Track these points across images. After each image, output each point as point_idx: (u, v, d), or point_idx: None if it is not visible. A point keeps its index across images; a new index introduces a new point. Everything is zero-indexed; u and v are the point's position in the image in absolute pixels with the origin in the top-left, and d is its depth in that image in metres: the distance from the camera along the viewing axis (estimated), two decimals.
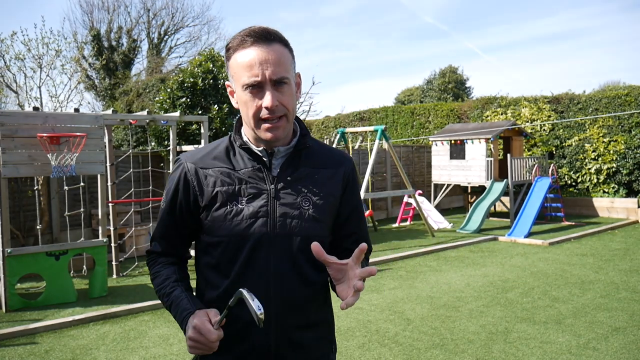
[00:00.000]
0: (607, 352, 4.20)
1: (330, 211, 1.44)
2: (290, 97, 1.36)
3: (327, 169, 1.47)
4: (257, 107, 1.33)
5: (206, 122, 7.59)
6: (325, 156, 1.49)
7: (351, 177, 1.52)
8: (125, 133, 11.66)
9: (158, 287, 1.47)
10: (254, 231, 1.36)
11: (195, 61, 9.84)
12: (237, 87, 1.37)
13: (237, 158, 1.42)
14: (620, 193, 12.70)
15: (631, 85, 14.11)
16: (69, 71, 12.10)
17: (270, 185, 1.39)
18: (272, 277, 1.36)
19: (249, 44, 1.32)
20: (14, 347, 4.51)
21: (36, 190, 7.15)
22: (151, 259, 1.53)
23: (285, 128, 1.37)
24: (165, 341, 4.63)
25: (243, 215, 1.36)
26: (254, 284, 1.34)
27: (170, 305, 1.42)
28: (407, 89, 32.18)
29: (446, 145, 12.98)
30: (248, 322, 1.34)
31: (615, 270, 7.02)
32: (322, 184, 1.44)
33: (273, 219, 1.37)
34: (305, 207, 1.39)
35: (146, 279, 6.93)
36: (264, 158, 1.40)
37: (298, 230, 1.37)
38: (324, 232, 1.43)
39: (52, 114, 6.07)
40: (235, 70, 1.36)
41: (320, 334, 1.48)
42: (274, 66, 1.31)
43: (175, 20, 23.20)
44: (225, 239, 1.38)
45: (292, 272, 1.37)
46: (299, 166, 1.43)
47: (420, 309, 5.41)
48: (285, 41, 1.37)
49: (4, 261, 5.49)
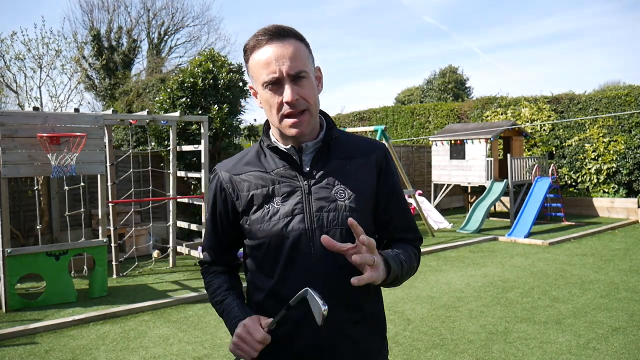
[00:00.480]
0: (607, 352, 4.20)
1: (367, 200, 1.42)
2: (311, 90, 1.36)
3: (358, 158, 1.45)
4: (278, 103, 1.33)
5: (206, 122, 7.59)
6: (355, 146, 1.48)
7: (384, 163, 1.48)
8: (125, 133, 11.66)
9: (211, 296, 1.51)
10: (292, 229, 1.36)
11: (195, 61, 9.84)
12: (258, 87, 1.38)
13: (268, 159, 1.44)
14: (620, 193, 12.70)
15: (631, 85, 14.12)
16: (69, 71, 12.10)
17: (302, 181, 1.40)
18: (315, 273, 1.36)
19: (264, 42, 1.33)
20: (14, 347, 4.51)
21: (36, 190, 7.15)
22: (203, 269, 1.59)
23: (309, 122, 1.37)
24: (165, 341, 4.63)
25: (279, 215, 1.37)
26: (297, 282, 1.34)
27: (222, 313, 1.45)
28: (407, 89, 32.17)
29: (446, 145, 12.98)
30: (297, 322, 1.35)
31: (615, 270, 7.01)
32: (355, 173, 1.42)
33: (309, 214, 1.37)
34: (341, 199, 1.38)
35: (146, 279, 6.93)
36: (294, 156, 1.41)
37: (337, 223, 1.37)
38: (364, 222, 1.38)
39: (52, 114, 6.07)
40: (254, 71, 1.37)
41: (373, 328, 1.45)
42: (291, 61, 1.31)
43: (175, 20, 23.20)
44: (266, 240, 1.38)
45: (336, 266, 1.35)
46: (330, 159, 1.43)
47: (420, 309, 5.41)
48: (301, 36, 1.38)
49: (4, 261, 5.49)
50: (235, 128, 9.92)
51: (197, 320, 5.19)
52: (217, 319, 5.21)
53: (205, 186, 7.30)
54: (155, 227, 8.41)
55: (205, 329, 4.93)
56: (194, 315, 5.35)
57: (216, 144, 9.64)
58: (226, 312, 1.43)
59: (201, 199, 7.33)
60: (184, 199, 7.89)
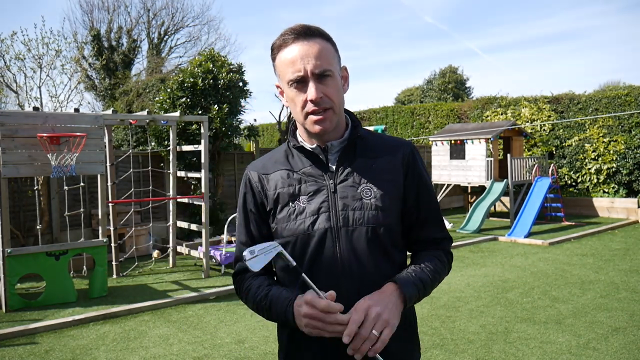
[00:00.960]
0: (607, 352, 4.19)
1: (394, 199, 1.41)
2: (336, 89, 1.36)
3: (384, 157, 1.45)
4: (302, 101, 1.34)
5: (206, 122, 7.58)
6: (381, 144, 1.48)
7: (411, 161, 1.46)
8: (125, 133, 11.66)
9: (253, 297, 1.42)
10: (317, 227, 1.36)
11: (195, 61, 9.84)
12: (284, 86, 1.39)
13: (295, 159, 1.45)
14: (620, 193, 12.69)
15: (631, 85, 14.12)
16: (69, 71, 12.08)
17: (329, 180, 1.40)
18: (342, 271, 1.35)
19: (290, 41, 1.34)
20: (14, 347, 4.51)
21: (36, 190, 7.15)
22: (239, 279, 1.51)
23: (332, 120, 1.37)
24: (165, 341, 4.63)
25: (305, 213, 1.38)
26: (324, 280, 1.33)
27: (271, 303, 1.36)
28: (407, 89, 32.16)
29: (446, 145, 12.98)
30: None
31: (615, 270, 7.01)
32: (381, 171, 1.42)
33: (335, 213, 1.37)
34: (367, 198, 1.38)
35: (146, 279, 6.93)
36: (320, 155, 1.42)
37: (362, 221, 1.36)
38: (391, 221, 1.39)
39: (52, 114, 6.07)
40: (280, 69, 1.38)
41: (400, 332, 1.33)
42: (316, 60, 1.32)
43: (175, 20, 23.19)
44: (292, 238, 1.38)
45: (362, 264, 1.35)
46: (355, 158, 1.43)
47: (420, 309, 5.40)
48: (327, 35, 1.38)
49: (4, 261, 5.49)
50: (235, 128, 9.92)
51: (197, 320, 5.19)
52: (217, 318, 5.21)
53: (205, 186, 7.31)
54: (155, 227, 8.41)
55: (205, 329, 4.93)
56: (194, 315, 5.35)
57: (216, 144, 9.64)
58: (274, 299, 1.35)
59: (201, 199, 7.33)
60: (184, 199, 7.88)
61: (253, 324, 5.03)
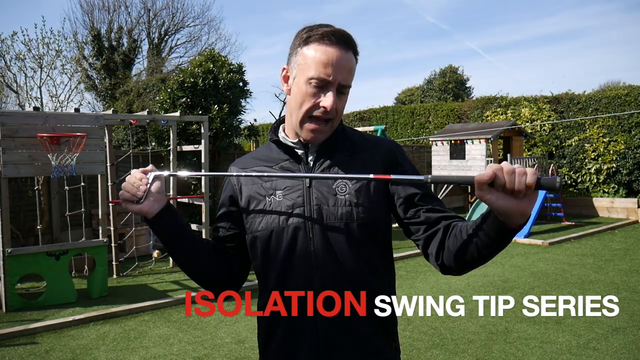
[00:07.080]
0: (607, 352, 4.20)
1: (371, 193, 1.38)
2: (343, 106, 1.40)
3: (363, 153, 1.44)
4: (314, 103, 1.34)
5: (206, 122, 7.59)
6: (361, 141, 1.48)
7: (392, 158, 1.44)
8: (125, 133, 11.66)
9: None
10: (292, 222, 1.36)
11: (196, 61, 9.84)
12: (299, 76, 1.36)
13: (273, 153, 1.46)
14: (620, 193, 12.69)
15: (631, 85, 14.09)
16: (69, 71, 12.11)
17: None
18: (315, 266, 1.35)
19: (331, 42, 1.33)
20: (14, 347, 4.51)
21: (36, 190, 7.15)
22: None
23: (327, 133, 1.39)
24: (165, 341, 4.64)
25: (280, 208, 1.38)
26: (297, 276, 1.34)
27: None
28: (407, 89, 32.13)
29: (446, 145, 12.98)
30: (296, 318, 1.35)
31: (615, 270, 7.01)
32: (359, 167, 1.40)
33: (309, 208, 1.36)
34: (341, 193, 1.37)
35: (146, 279, 6.93)
36: (298, 150, 1.43)
37: (336, 217, 1.35)
38: (367, 216, 1.36)
39: (53, 114, 6.07)
40: (306, 61, 1.34)
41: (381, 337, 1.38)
42: (346, 73, 1.35)
43: (175, 21, 23.18)
44: (266, 232, 1.38)
45: (336, 260, 1.34)
46: (334, 154, 1.43)
47: (420, 308, 5.40)
48: (357, 53, 1.40)
49: (4, 261, 5.49)
50: (236, 128, 9.92)
51: (197, 320, 5.19)
52: (217, 319, 5.21)
53: (205, 186, 7.30)
54: None
55: (205, 329, 4.94)
56: (194, 315, 5.35)
57: (216, 144, 9.64)
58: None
59: (201, 199, 7.33)
60: (184, 199, 7.88)
61: (253, 324, 5.04)
